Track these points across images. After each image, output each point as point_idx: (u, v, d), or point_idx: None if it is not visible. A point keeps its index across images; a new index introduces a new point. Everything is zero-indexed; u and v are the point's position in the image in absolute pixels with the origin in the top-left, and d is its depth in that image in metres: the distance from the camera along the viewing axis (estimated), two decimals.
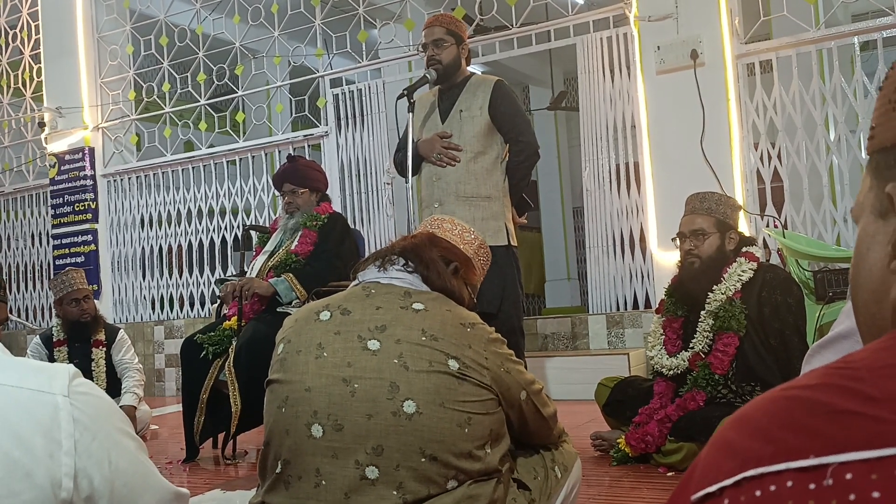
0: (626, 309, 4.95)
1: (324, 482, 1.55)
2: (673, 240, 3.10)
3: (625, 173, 4.98)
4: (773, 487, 0.40)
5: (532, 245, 9.53)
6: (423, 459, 1.54)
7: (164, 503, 0.87)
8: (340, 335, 1.64)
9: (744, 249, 2.99)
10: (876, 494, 0.37)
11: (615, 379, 3.27)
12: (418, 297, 1.69)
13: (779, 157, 4.60)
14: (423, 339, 1.61)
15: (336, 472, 1.55)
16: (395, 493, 1.53)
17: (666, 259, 4.55)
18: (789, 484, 0.40)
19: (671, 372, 2.97)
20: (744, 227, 4.23)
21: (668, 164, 4.69)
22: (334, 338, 1.64)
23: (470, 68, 3.61)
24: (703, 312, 2.94)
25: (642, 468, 2.84)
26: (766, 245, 4.49)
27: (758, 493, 0.40)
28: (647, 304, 4.88)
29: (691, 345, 2.95)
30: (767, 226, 4.53)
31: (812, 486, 0.39)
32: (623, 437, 2.93)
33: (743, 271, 2.92)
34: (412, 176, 3.47)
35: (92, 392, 0.83)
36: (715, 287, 2.92)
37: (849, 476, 0.38)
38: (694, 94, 4.55)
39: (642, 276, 4.91)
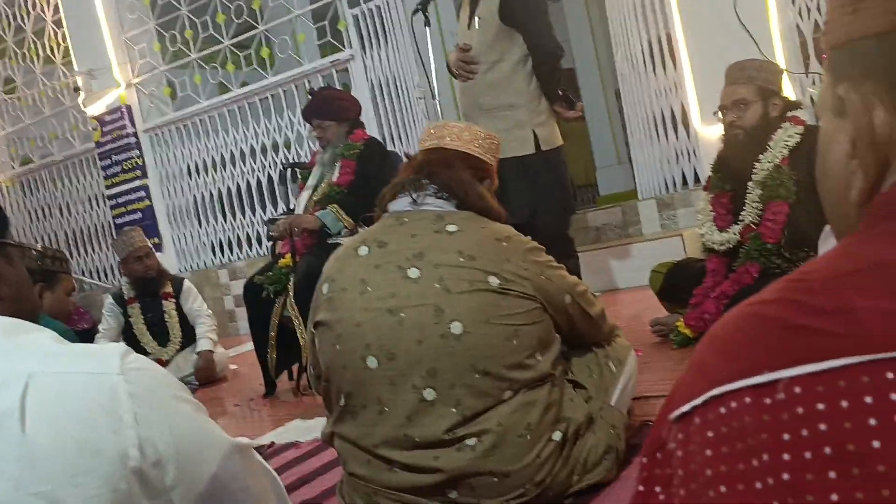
0: (675, 190, 4.88)
1: (386, 409, 1.63)
2: (715, 113, 3.03)
3: (658, 50, 4.82)
4: (734, 404, 0.42)
5: (577, 135, 9.36)
6: (476, 376, 1.60)
7: (227, 456, 0.92)
8: (380, 268, 1.69)
9: (789, 114, 2.91)
10: (820, 406, 0.39)
11: (668, 264, 3.27)
12: (451, 219, 1.72)
13: (818, 7, 4.38)
14: (461, 260, 1.64)
15: (396, 398, 1.62)
16: (453, 410, 1.60)
17: (711, 134, 4.44)
18: (747, 400, 0.42)
19: (723, 247, 2.95)
20: (788, 89, 4.09)
21: (702, 34, 4.51)
22: (375, 271, 1.69)
23: None
24: (750, 184, 2.89)
25: None
26: (813, 104, 4.34)
27: (722, 410, 0.43)
28: (697, 182, 4.80)
29: (741, 217, 2.92)
30: (813, 84, 4.36)
31: (767, 400, 0.41)
32: (681, 319, 2.96)
33: (789, 136, 2.85)
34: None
35: (145, 367, 0.88)
36: (761, 156, 2.86)
37: (797, 390, 0.40)
38: None
39: (689, 154, 4.81)
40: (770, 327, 0.43)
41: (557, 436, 1.69)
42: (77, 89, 6.94)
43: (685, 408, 0.45)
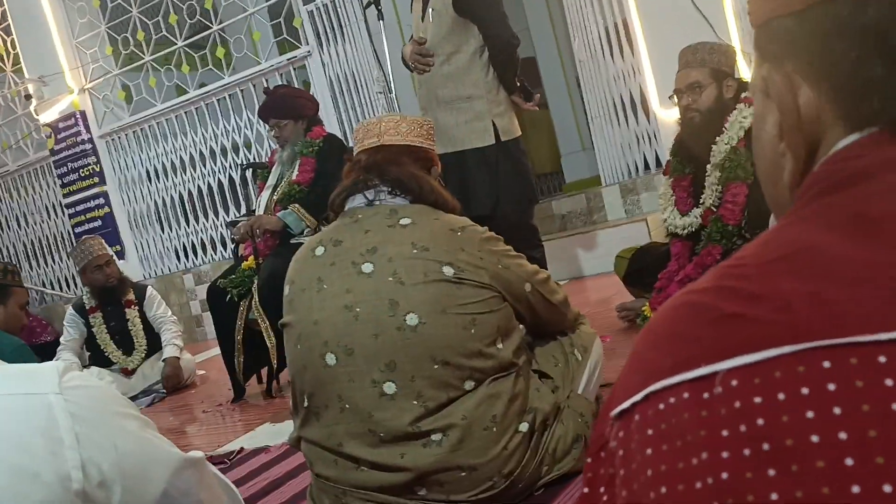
0: (637, 174, 4.91)
1: (347, 406, 1.62)
2: (670, 97, 3.04)
3: (615, 36, 4.83)
4: (672, 400, 0.40)
5: (541, 123, 9.38)
6: (435, 366, 1.58)
7: (178, 472, 0.90)
8: (336, 266, 1.68)
9: (743, 95, 2.92)
10: (758, 400, 0.37)
11: (632, 249, 3.28)
12: (404, 212, 1.71)
13: None
14: (415, 252, 1.63)
15: (356, 395, 1.61)
16: (415, 402, 1.58)
17: (670, 117, 4.46)
18: (685, 395, 0.40)
19: (686, 231, 2.97)
20: (744, 69, 4.12)
21: (658, 18, 4.53)
22: (331, 269, 1.68)
23: None
24: (709, 166, 2.91)
25: None
26: None
27: (661, 406, 0.41)
28: (659, 166, 4.83)
29: (701, 200, 2.94)
30: None
31: (706, 395, 0.39)
32: (647, 304, 2.97)
33: (744, 117, 2.86)
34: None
35: (85, 384, 0.85)
36: (718, 138, 2.88)
37: (734, 383, 0.38)
38: None
39: (649, 139, 4.84)
40: (705, 317, 0.42)
41: (524, 427, 1.68)
42: (28, 97, 6.80)
43: (625, 404, 0.44)
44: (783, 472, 0.35)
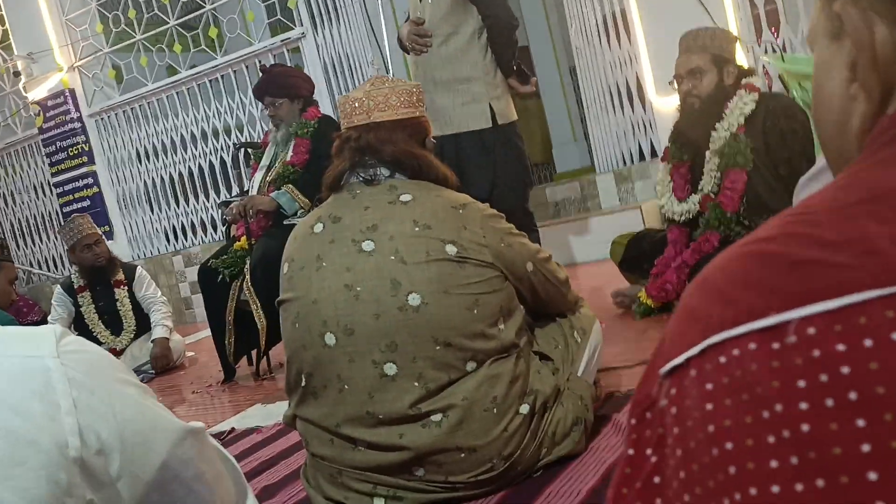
0: (632, 163, 4.89)
1: (346, 386, 1.59)
2: (670, 83, 3.02)
3: (612, 23, 4.80)
4: (736, 352, 0.38)
5: (533, 113, 9.34)
6: (437, 347, 1.56)
7: (178, 442, 0.87)
8: (335, 243, 1.64)
9: (743, 81, 2.90)
10: (841, 347, 0.35)
11: (628, 235, 3.27)
12: (404, 188, 1.67)
13: None
14: (416, 230, 1.60)
15: (356, 375, 1.58)
16: (416, 384, 1.55)
17: (666, 105, 4.44)
18: (752, 346, 0.37)
19: (683, 217, 2.96)
20: (742, 59, 4.10)
21: (655, 6, 4.50)
22: (330, 247, 1.64)
23: None
24: (707, 152, 2.89)
25: (665, 318, 2.87)
26: (766, 73, 4.36)
27: (722, 359, 0.38)
28: (654, 154, 4.81)
29: (699, 187, 2.92)
30: (766, 53, 4.38)
31: (776, 345, 0.36)
32: (643, 290, 2.96)
33: (744, 104, 2.85)
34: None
35: (83, 348, 0.82)
36: (717, 125, 2.86)
37: (811, 331, 0.36)
38: None
39: (645, 127, 4.81)
40: (773, 265, 0.39)
41: (525, 409, 1.66)
42: (17, 74, 6.70)
43: (678, 360, 0.41)
44: (875, 422, 0.33)
